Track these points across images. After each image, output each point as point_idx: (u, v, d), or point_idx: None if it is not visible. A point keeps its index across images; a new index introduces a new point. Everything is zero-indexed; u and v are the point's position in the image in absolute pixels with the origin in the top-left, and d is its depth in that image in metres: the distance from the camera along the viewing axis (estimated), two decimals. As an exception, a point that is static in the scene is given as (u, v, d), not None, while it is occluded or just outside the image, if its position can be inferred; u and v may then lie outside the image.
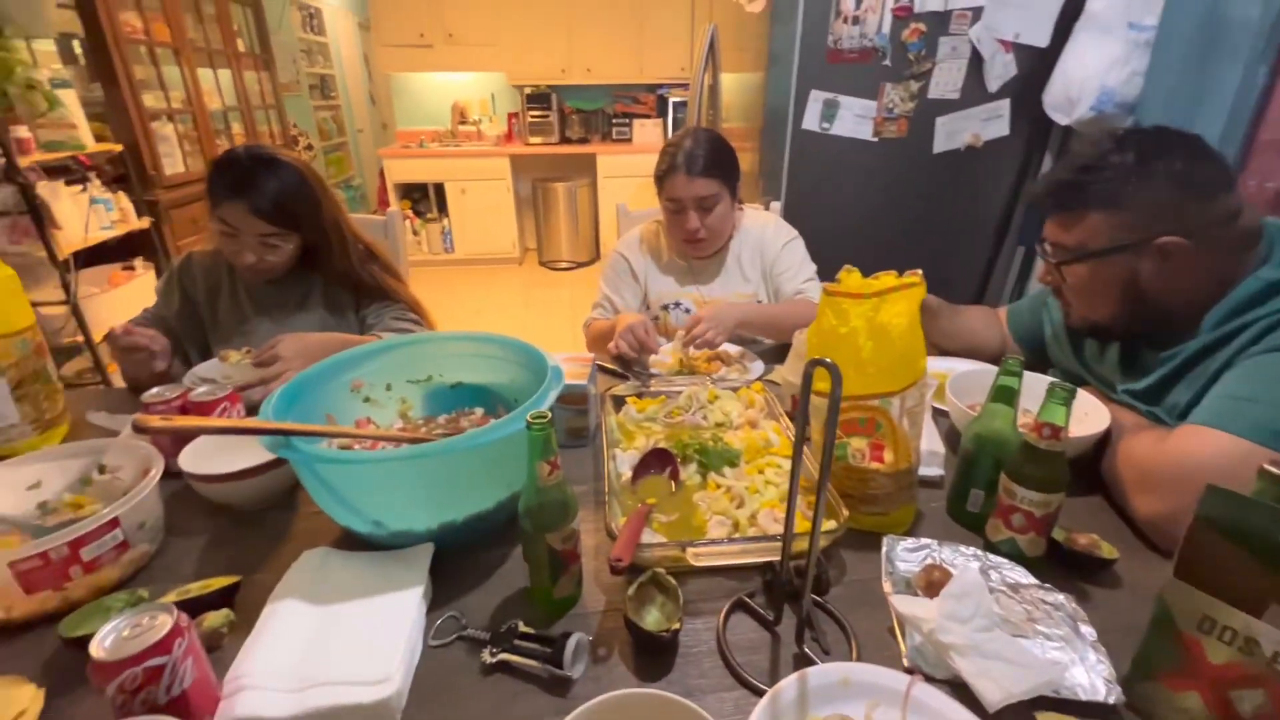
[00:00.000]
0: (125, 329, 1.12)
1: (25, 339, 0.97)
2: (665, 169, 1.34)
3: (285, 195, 1.15)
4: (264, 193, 1.12)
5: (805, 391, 0.55)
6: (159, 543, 0.79)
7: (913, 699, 0.57)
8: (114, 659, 0.49)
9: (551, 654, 0.61)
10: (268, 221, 1.14)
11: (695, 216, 1.34)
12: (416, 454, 0.66)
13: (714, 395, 1.06)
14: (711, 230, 1.36)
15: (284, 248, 1.19)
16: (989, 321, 1.24)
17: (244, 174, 1.13)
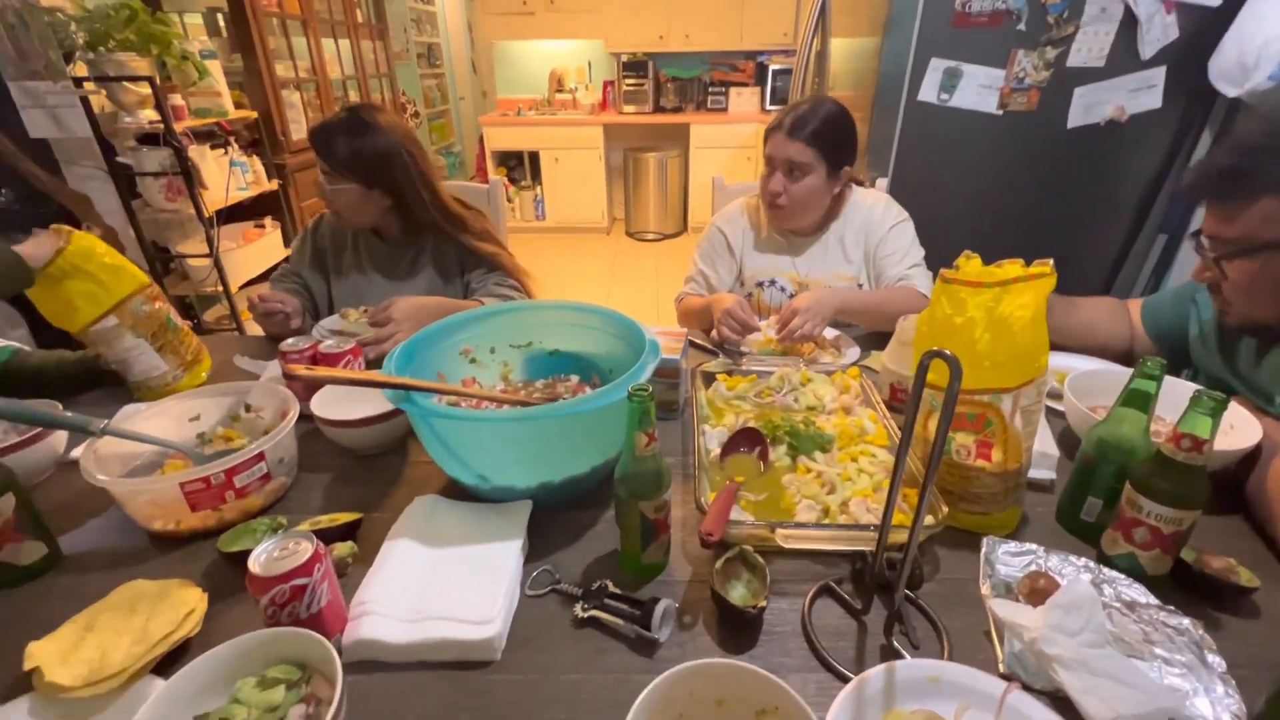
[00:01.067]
0: (262, 298, 1.26)
1: (140, 299, 1.05)
2: (773, 125, 1.31)
3: (356, 150, 1.25)
4: (334, 150, 1.24)
5: (919, 382, 0.53)
6: (294, 477, 0.88)
7: (1008, 706, 0.55)
8: (267, 575, 0.56)
9: (640, 616, 0.63)
10: (335, 170, 1.25)
11: (780, 179, 1.29)
12: (523, 416, 0.69)
13: (807, 378, 1.04)
14: (794, 200, 1.30)
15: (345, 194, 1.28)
16: (1114, 315, 1.13)
17: (326, 127, 1.25)
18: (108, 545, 0.78)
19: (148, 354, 1.06)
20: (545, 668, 0.61)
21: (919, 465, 0.79)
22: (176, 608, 0.64)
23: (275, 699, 0.53)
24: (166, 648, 0.60)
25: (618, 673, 0.61)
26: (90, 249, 1.01)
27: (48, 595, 0.71)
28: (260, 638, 0.55)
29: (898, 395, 0.97)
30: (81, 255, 1.00)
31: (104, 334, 1.02)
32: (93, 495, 0.86)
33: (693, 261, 1.51)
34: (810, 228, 1.40)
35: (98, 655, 0.58)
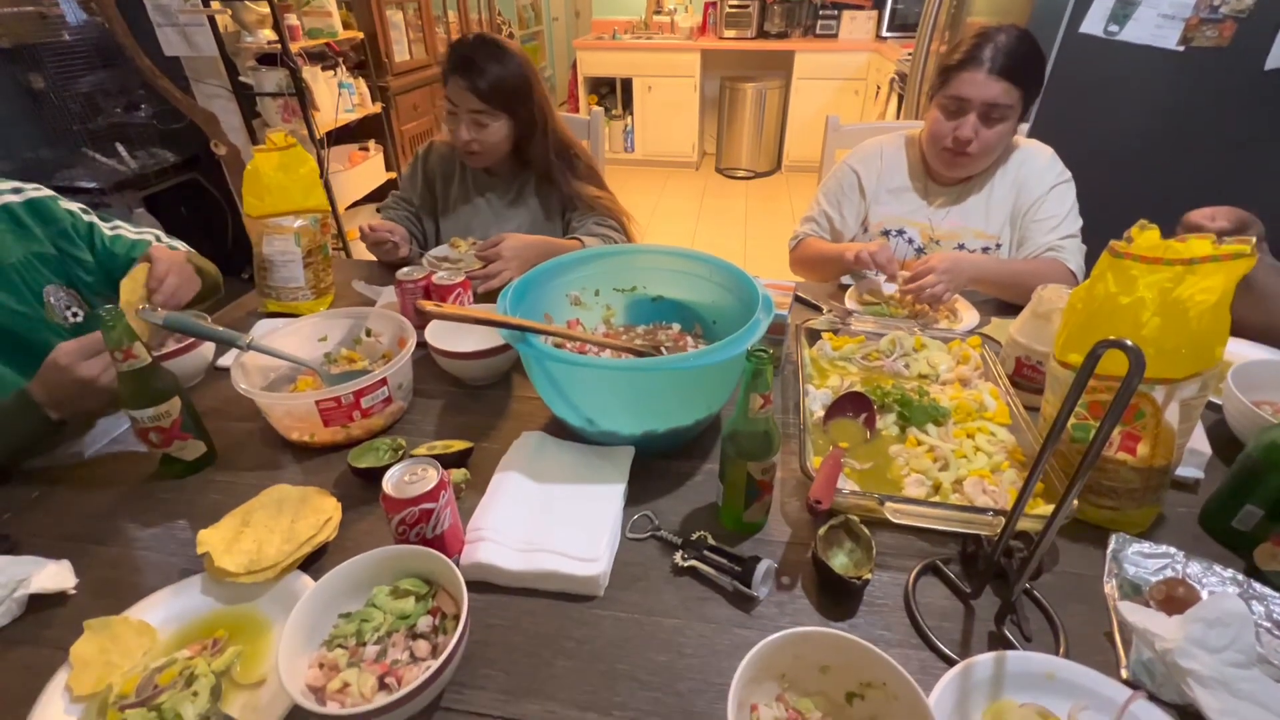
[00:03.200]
0: (372, 227, 1.30)
1: (316, 217, 1.16)
2: (963, 59, 1.14)
3: (500, 78, 1.22)
4: (483, 73, 1.21)
5: (1084, 374, 0.48)
6: (409, 402, 0.94)
7: (1130, 714, 0.53)
8: (400, 497, 0.60)
9: (741, 573, 0.64)
10: (480, 98, 1.23)
11: (974, 124, 1.14)
12: (636, 367, 0.70)
13: (920, 343, 0.98)
14: (984, 147, 1.16)
15: (492, 126, 1.27)
16: None
17: (470, 55, 1.22)
18: (253, 450, 0.87)
19: (295, 266, 1.14)
20: (647, 609, 0.64)
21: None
22: (317, 513, 0.70)
23: (407, 608, 0.58)
24: (311, 548, 0.67)
25: (716, 623, 0.62)
26: (305, 159, 1.14)
27: (208, 489, 0.80)
28: (394, 552, 0.60)
29: (1023, 371, 0.90)
30: (298, 158, 1.13)
31: (275, 228, 1.12)
32: (241, 402, 0.94)
33: (815, 201, 1.41)
34: (959, 177, 1.26)
35: (254, 548, 0.66)
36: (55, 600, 0.66)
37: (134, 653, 0.59)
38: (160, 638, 0.61)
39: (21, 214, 0.98)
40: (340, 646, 0.55)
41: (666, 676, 0.58)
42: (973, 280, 1.13)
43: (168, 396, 0.76)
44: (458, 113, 1.26)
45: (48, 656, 0.58)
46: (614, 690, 0.57)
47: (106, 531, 0.75)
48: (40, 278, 0.98)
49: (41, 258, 0.99)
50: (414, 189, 1.45)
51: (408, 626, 0.57)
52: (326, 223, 1.19)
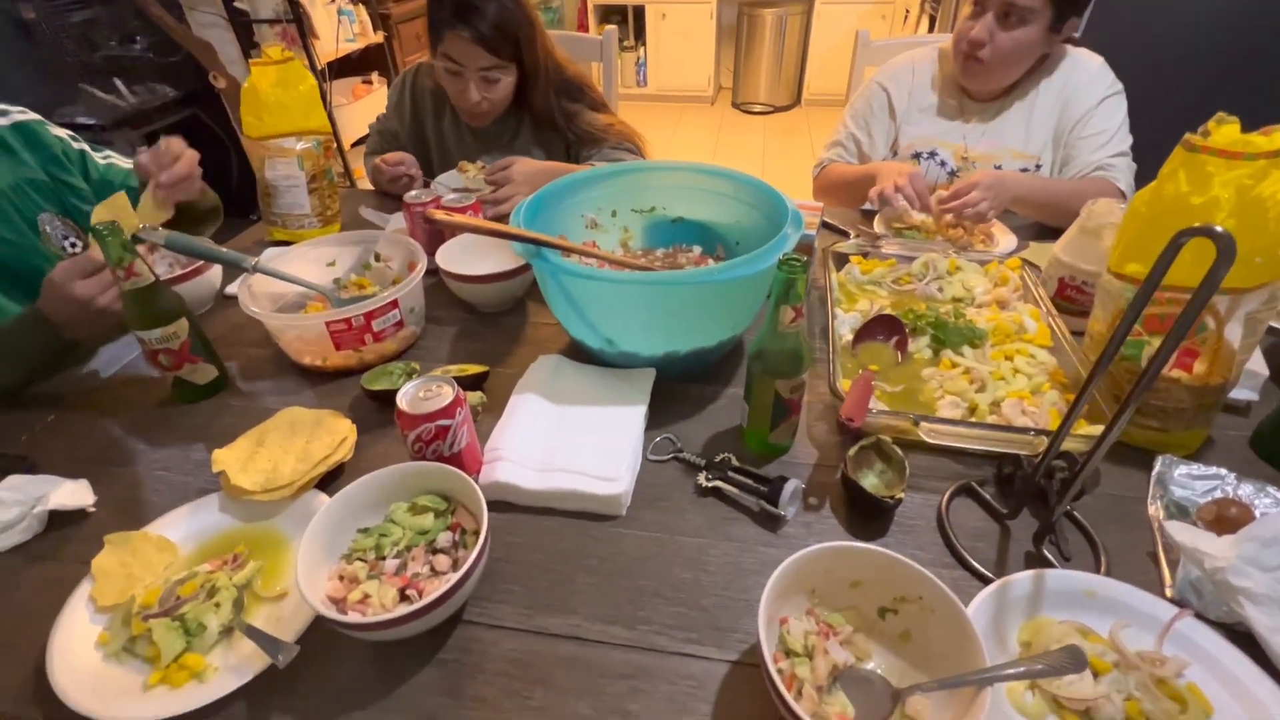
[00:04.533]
0: (386, 161, 1.21)
1: (319, 140, 1.11)
2: None
3: (505, 18, 1.09)
4: (484, 15, 1.07)
5: (1161, 269, 0.44)
6: (422, 327, 0.91)
7: (1175, 631, 0.51)
8: (415, 412, 0.58)
9: (768, 492, 0.62)
10: (490, 51, 1.10)
11: (987, 25, 1.04)
12: (661, 280, 0.66)
13: (955, 266, 0.93)
14: (998, 53, 1.06)
15: (505, 81, 1.16)
16: None
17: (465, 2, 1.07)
18: (266, 375, 0.85)
19: (299, 191, 1.10)
20: (670, 528, 0.62)
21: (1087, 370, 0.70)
22: (332, 433, 0.69)
23: (426, 524, 0.56)
24: (326, 467, 0.66)
25: (741, 542, 0.61)
26: (304, 75, 1.08)
27: (222, 413, 0.79)
28: (412, 468, 0.58)
29: (1066, 292, 0.85)
30: (296, 74, 1.07)
31: (276, 151, 1.07)
32: (250, 328, 0.93)
33: (841, 123, 1.32)
34: (995, 91, 1.16)
35: (270, 467, 0.65)
36: (75, 518, 0.65)
37: (155, 567, 0.58)
38: (180, 553, 0.61)
39: (9, 138, 0.94)
40: (359, 560, 0.54)
41: (691, 592, 0.56)
42: (1016, 199, 1.06)
43: (174, 317, 0.74)
44: (463, 72, 1.13)
45: (71, 571, 0.58)
46: (637, 605, 0.56)
47: (123, 453, 0.74)
48: (33, 205, 0.95)
49: (34, 184, 0.95)
50: (400, 120, 1.34)
51: (427, 542, 0.56)
52: (330, 147, 1.14)
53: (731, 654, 0.52)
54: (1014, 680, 0.41)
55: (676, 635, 0.53)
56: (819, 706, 0.45)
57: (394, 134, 1.37)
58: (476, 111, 1.19)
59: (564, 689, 0.50)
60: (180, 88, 2.62)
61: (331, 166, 1.16)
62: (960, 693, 0.43)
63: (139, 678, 0.51)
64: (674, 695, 0.49)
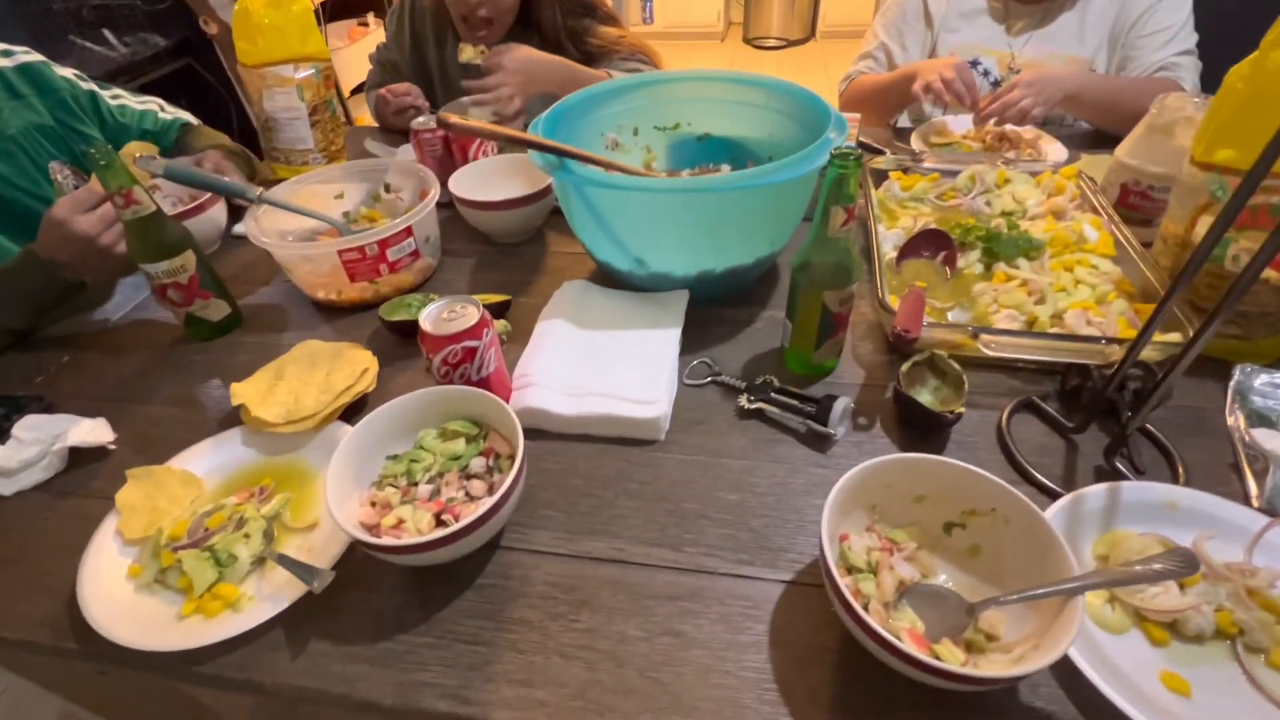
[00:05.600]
0: (391, 91, 1.13)
1: (318, 67, 1.04)
2: None
3: None
4: None
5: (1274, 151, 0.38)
6: (438, 259, 0.87)
7: (1265, 541, 0.47)
8: (440, 333, 0.54)
9: (816, 411, 0.59)
10: None
11: None
12: (694, 186, 0.60)
13: (1004, 178, 0.86)
14: None
15: None
16: None
17: None
18: (280, 312, 0.82)
19: (301, 124, 1.04)
20: (713, 451, 0.59)
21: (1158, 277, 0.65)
22: (353, 364, 0.66)
23: (457, 449, 0.54)
24: (350, 398, 0.63)
25: (789, 463, 0.57)
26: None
27: (238, 349, 0.76)
28: (440, 392, 0.55)
29: (1129, 199, 0.78)
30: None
31: (274, 80, 1.01)
32: (261, 266, 0.89)
33: (871, 34, 1.23)
34: None
35: (291, 399, 0.62)
36: (96, 455, 0.64)
37: (181, 500, 0.57)
38: (206, 487, 0.59)
39: (14, 80, 0.89)
40: (391, 486, 0.51)
41: (739, 514, 0.53)
42: (1068, 98, 0.97)
43: (180, 249, 0.70)
44: None
45: (96, 506, 0.56)
46: (683, 528, 0.53)
47: (140, 391, 0.72)
48: (44, 152, 0.90)
49: (42, 130, 0.90)
50: (400, 51, 1.25)
51: (460, 467, 0.53)
52: (330, 76, 1.08)
53: (786, 574, 0.49)
54: (1114, 586, 0.38)
55: (727, 556, 0.51)
56: (887, 622, 0.42)
57: (395, 65, 1.29)
58: (477, 19, 1.10)
59: (611, 610, 0.48)
60: (170, 36, 2.52)
61: (332, 98, 1.10)
62: (1041, 605, 0.40)
63: (173, 609, 0.49)
64: (727, 615, 0.47)
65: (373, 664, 0.46)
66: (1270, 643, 0.42)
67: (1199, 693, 0.40)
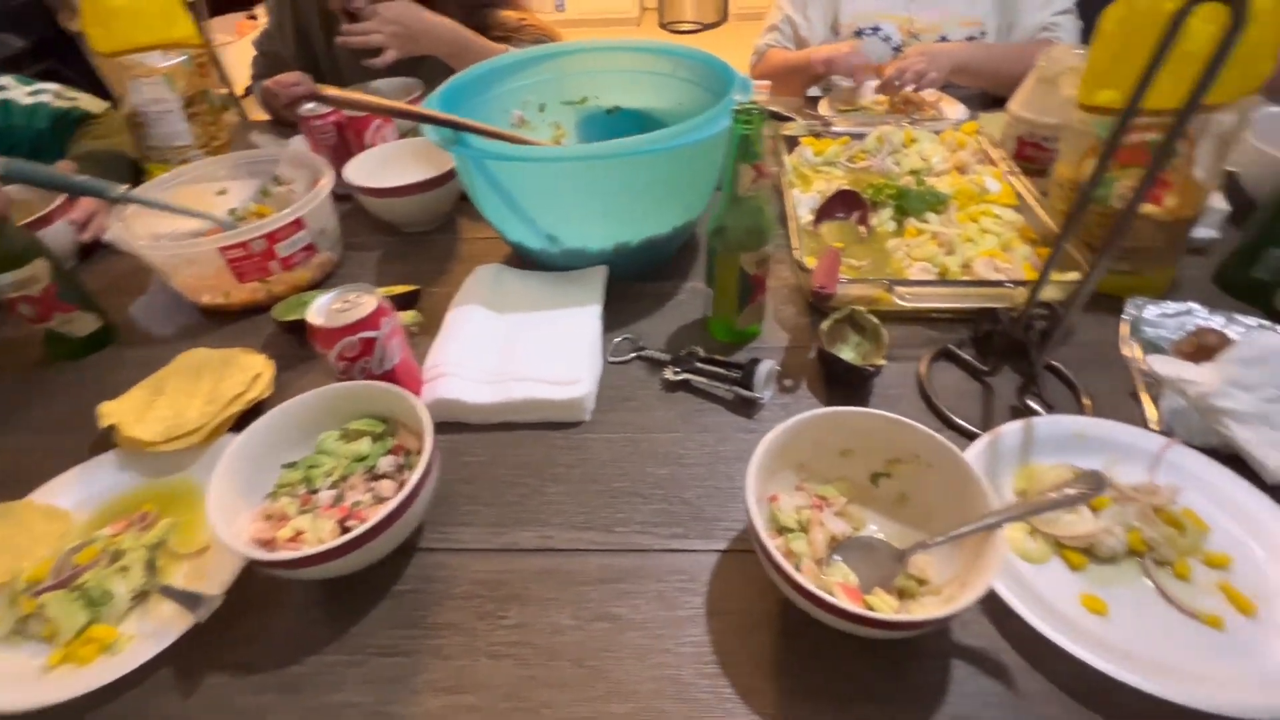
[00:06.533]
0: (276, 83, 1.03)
1: (188, 55, 0.95)
2: None
3: None
4: None
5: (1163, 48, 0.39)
6: (339, 253, 0.81)
7: (1165, 461, 0.49)
8: (332, 326, 0.50)
9: (740, 378, 0.58)
10: None
11: None
12: (600, 153, 0.58)
13: (910, 138, 0.88)
14: None
15: None
16: None
17: None
18: (162, 321, 0.74)
19: (175, 117, 0.94)
20: (641, 427, 0.57)
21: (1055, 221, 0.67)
22: (244, 371, 0.60)
23: (362, 449, 0.49)
24: (241, 406, 0.57)
25: (718, 431, 0.56)
26: None
27: (115, 367, 0.68)
28: (340, 389, 0.51)
29: (1025, 151, 0.81)
30: None
31: (138, 69, 0.91)
32: (138, 274, 0.81)
33: (776, 6, 1.24)
34: None
35: (171, 414, 0.56)
36: (-58, 498, 0.55)
37: (45, 538, 0.50)
38: (75, 521, 0.52)
39: None
40: (288, 496, 0.47)
41: (671, 487, 0.52)
42: (957, 67, 1.01)
43: (28, 258, 0.62)
44: None
45: (-59, 555, 0.49)
46: (614, 508, 0.51)
47: None
48: None
49: None
50: (284, 41, 1.15)
51: (366, 469, 0.49)
52: (204, 63, 0.99)
53: (721, 543, 0.48)
54: (1030, 515, 0.38)
55: (660, 532, 0.49)
56: (819, 579, 0.41)
57: (279, 57, 1.18)
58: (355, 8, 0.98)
59: (542, 602, 0.45)
60: (28, 35, 2.27)
61: (211, 88, 1.00)
62: (965, 545, 0.40)
63: (37, 661, 0.43)
64: (664, 592, 0.45)
65: (282, 691, 0.42)
66: (1175, 554, 0.44)
67: (1115, 610, 0.42)
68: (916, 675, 0.40)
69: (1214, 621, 0.41)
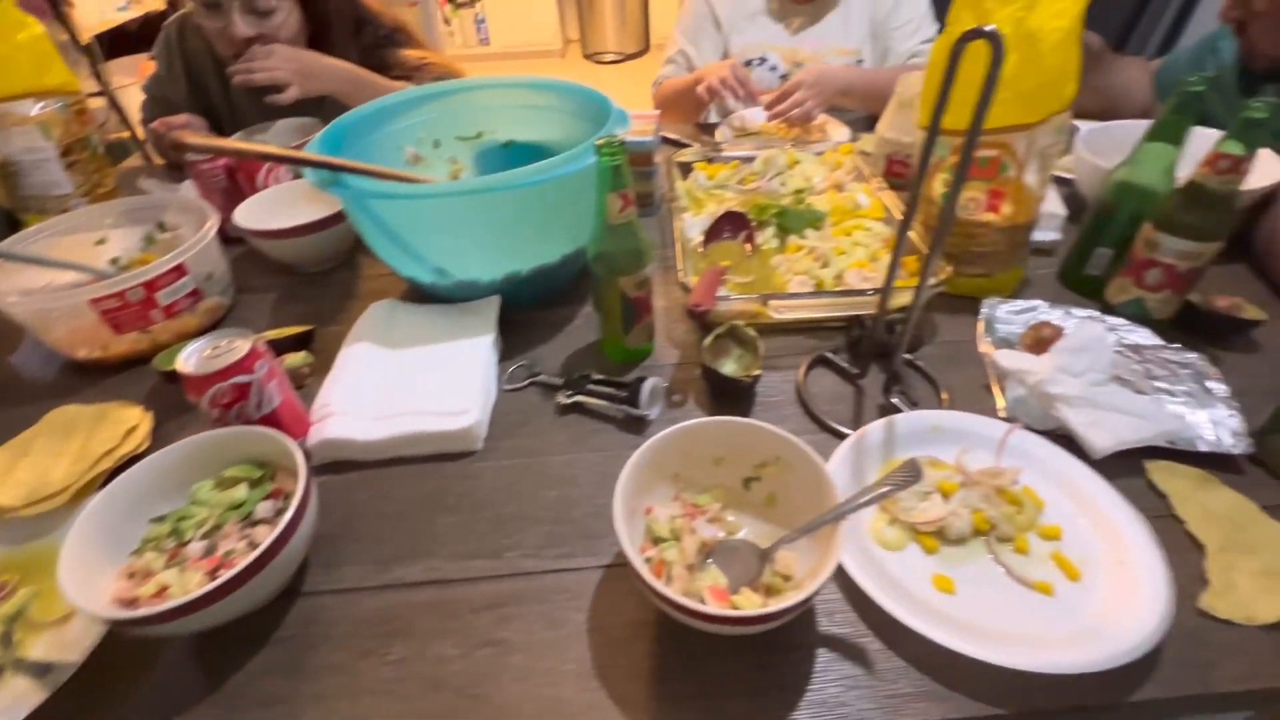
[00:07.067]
0: (164, 124, 1.01)
1: (64, 102, 0.92)
2: None
3: None
4: None
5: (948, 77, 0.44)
6: (231, 297, 0.79)
7: (1009, 445, 0.54)
8: (201, 373, 0.49)
9: (627, 396, 0.60)
10: None
11: None
12: (475, 188, 0.59)
13: (794, 160, 0.94)
14: None
15: (281, 15, 0.98)
16: (1140, 77, 1.02)
17: None
18: (36, 380, 0.71)
19: (51, 166, 0.90)
20: (532, 452, 0.58)
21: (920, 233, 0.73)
22: (118, 425, 0.58)
23: (238, 496, 0.49)
24: (111, 464, 0.55)
25: (607, 451, 0.58)
26: (25, 22, 0.87)
27: (-24, 431, 0.65)
28: (212, 437, 0.50)
29: (894, 169, 0.88)
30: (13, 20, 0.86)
31: (8, 118, 0.87)
32: (7, 333, 0.77)
33: (672, 41, 1.31)
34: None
35: (34, 476, 0.53)
36: None
37: (-114, 621, 0.46)
38: (-76, 599, 0.49)
39: None
40: (154, 551, 0.45)
41: (559, 509, 0.53)
42: (841, 92, 1.09)
43: None
44: (223, 2, 0.93)
45: None
46: (503, 533, 0.51)
47: None
48: None
49: None
50: (175, 85, 1.12)
51: (242, 516, 0.48)
52: (83, 110, 0.95)
53: (606, 559, 0.49)
54: (863, 506, 0.41)
55: (547, 554, 0.50)
56: (690, 584, 0.43)
57: (170, 101, 1.15)
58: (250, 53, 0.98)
59: (427, 634, 0.45)
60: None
61: (93, 135, 0.97)
62: (820, 538, 0.43)
63: (-128, 753, 0.40)
64: (547, 613, 0.46)
65: (149, 757, 0.40)
66: (1015, 531, 0.48)
67: (962, 587, 0.45)
68: (785, 667, 0.42)
69: (1044, 588, 0.45)
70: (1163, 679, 0.40)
